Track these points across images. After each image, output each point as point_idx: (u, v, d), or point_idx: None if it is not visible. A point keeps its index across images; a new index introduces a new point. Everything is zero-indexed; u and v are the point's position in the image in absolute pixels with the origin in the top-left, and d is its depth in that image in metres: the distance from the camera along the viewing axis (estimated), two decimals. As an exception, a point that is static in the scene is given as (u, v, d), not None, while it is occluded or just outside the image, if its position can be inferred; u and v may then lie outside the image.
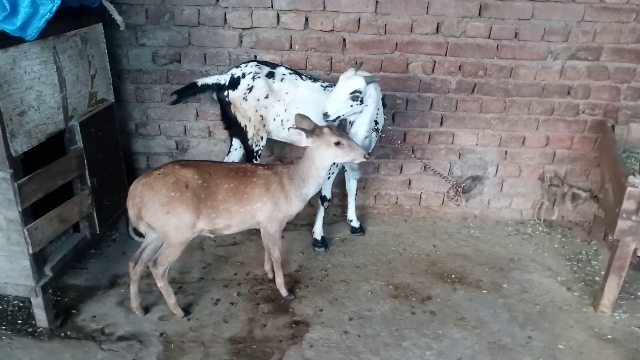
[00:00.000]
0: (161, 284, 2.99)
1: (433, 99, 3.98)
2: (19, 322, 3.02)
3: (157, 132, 4.05)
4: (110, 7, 3.17)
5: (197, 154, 4.09)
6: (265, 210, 2.95)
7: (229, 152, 3.81)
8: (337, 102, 3.05)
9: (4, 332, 2.94)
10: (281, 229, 3.09)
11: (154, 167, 2.86)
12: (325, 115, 3.03)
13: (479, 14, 3.71)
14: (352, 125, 3.24)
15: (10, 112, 2.51)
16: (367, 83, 3.05)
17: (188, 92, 3.61)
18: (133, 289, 3.02)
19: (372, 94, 3.13)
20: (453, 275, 3.62)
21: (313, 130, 2.86)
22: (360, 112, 3.16)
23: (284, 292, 3.28)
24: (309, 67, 3.85)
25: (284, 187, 2.95)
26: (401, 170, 4.23)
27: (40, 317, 2.93)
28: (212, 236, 3.01)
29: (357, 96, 3.05)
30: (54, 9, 2.35)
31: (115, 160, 3.54)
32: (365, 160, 2.93)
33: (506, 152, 4.18)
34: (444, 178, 4.17)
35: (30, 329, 2.96)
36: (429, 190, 4.31)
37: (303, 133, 2.82)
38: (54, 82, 2.81)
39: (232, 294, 3.34)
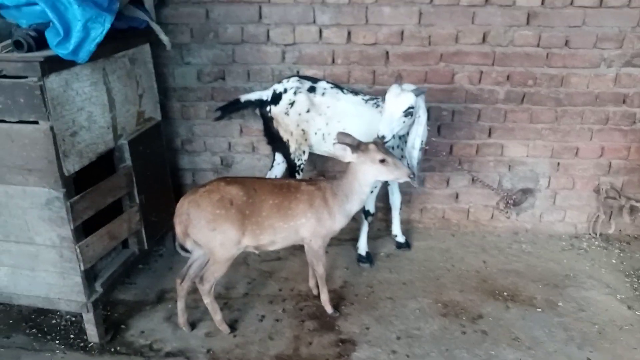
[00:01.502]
0: (207, 300, 2.99)
1: (480, 110, 3.87)
2: (72, 336, 3.09)
3: (203, 148, 4.10)
4: (157, 28, 3.25)
5: (241, 170, 4.11)
6: (308, 226, 2.92)
7: (272, 166, 3.81)
8: (391, 122, 3.00)
9: (57, 346, 3.01)
10: (325, 245, 3.05)
11: (200, 185, 2.89)
12: (382, 138, 2.97)
13: (527, 22, 3.59)
14: (406, 138, 3.21)
15: (63, 133, 2.58)
16: (417, 96, 3.01)
17: (231, 108, 3.65)
18: (180, 305, 3.04)
19: (422, 105, 3.11)
20: (505, 293, 3.47)
21: (358, 146, 2.82)
22: (412, 124, 3.12)
23: (329, 309, 3.23)
24: (352, 81, 3.82)
25: (327, 203, 2.92)
26: (448, 183, 4.12)
27: (92, 332, 2.99)
28: (256, 252, 3.00)
29: (410, 112, 3.02)
30: (104, 32, 2.41)
31: (162, 177, 3.60)
32: (409, 180, 2.85)
33: (559, 163, 4.00)
34: (493, 190, 4.04)
35: (82, 344, 3.02)
36: (477, 204, 4.17)
37: (348, 148, 2.78)
38: (103, 102, 2.89)
39: (277, 310, 3.31)
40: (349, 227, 3.86)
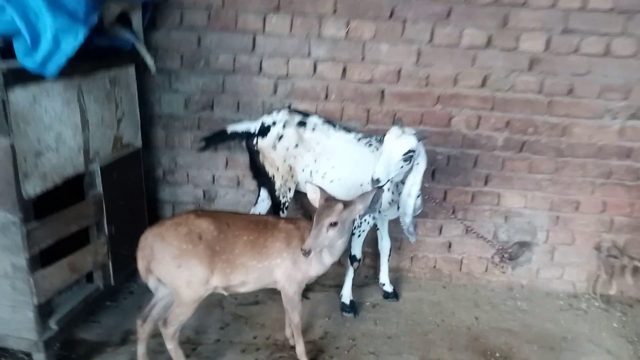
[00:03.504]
0: (171, 346, 2.72)
1: (477, 156, 3.69)
2: (21, 377, 2.80)
3: (185, 180, 3.90)
4: (143, 50, 3.11)
5: (224, 205, 3.90)
6: (284, 267, 2.69)
7: (256, 202, 3.60)
8: (388, 166, 2.80)
9: (2, 388, 2.73)
10: (300, 291, 2.82)
11: (169, 217, 2.66)
12: (376, 181, 2.77)
13: (530, 68, 3.46)
14: (402, 186, 3.03)
15: (25, 153, 2.39)
16: (419, 140, 2.84)
17: (217, 139, 3.48)
18: (141, 349, 2.77)
19: (422, 151, 2.94)
20: (497, 354, 3.20)
21: (330, 198, 2.61)
22: (410, 170, 2.93)
23: (305, 362, 2.95)
24: (345, 118, 3.67)
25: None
26: (440, 231, 3.90)
27: (42, 374, 2.71)
28: (225, 294, 2.75)
29: (410, 156, 2.83)
30: (77, 46, 2.26)
31: (137, 208, 3.39)
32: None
33: (558, 217, 3.80)
34: (488, 242, 3.81)
35: (30, 387, 2.73)
36: (471, 255, 3.94)
37: (319, 191, 2.59)
38: (75, 123, 2.71)
39: (249, 360, 3.03)
40: (334, 272, 3.66)
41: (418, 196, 3.04)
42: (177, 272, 2.53)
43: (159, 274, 2.57)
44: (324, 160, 3.25)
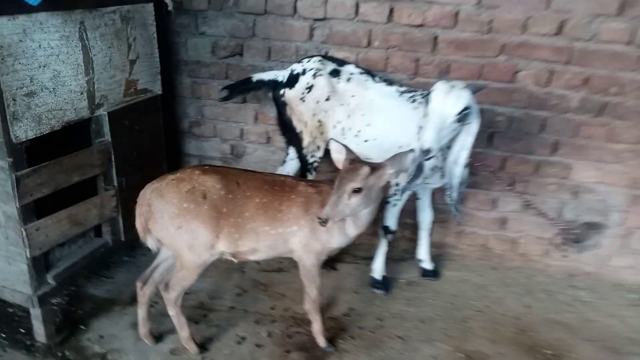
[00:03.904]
0: (173, 312, 2.48)
1: (546, 119, 3.12)
2: (22, 331, 2.67)
3: (212, 133, 3.61)
4: (159, -17, 2.77)
5: (252, 162, 3.58)
6: (300, 236, 2.35)
7: (284, 161, 3.27)
8: (440, 130, 2.34)
9: (1, 341, 2.60)
10: (319, 263, 2.47)
11: (173, 172, 2.36)
12: (427, 152, 2.34)
13: (619, 13, 2.81)
14: (448, 151, 2.57)
15: (14, 91, 2.15)
16: (473, 93, 2.37)
17: (241, 88, 3.13)
18: (141, 313, 2.55)
19: (475, 108, 2.44)
20: (548, 351, 2.73)
21: (356, 160, 2.22)
22: (459, 131, 2.48)
23: (321, 341, 2.64)
24: (389, 69, 3.19)
25: None
26: (494, 205, 3.39)
27: (38, 330, 2.57)
28: (235, 261, 2.44)
29: (465, 115, 2.37)
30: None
31: (155, 160, 3.12)
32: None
33: (638, 196, 3.17)
34: (550, 221, 3.26)
35: (28, 342, 2.60)
36: (528, 234, 3.42)
37: (344, 150, 2.20)
38: (77, 62, 2.44)
39: (262, 333, 2.76)
40: (369, 242, 3.28)
41: (467, 164, 2.57)
42: (177, 234, 2.25)
43: (157, 234, 2.30)
44: (358, 116, 2.83)
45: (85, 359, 2.53)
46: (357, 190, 2.13)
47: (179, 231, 2.24)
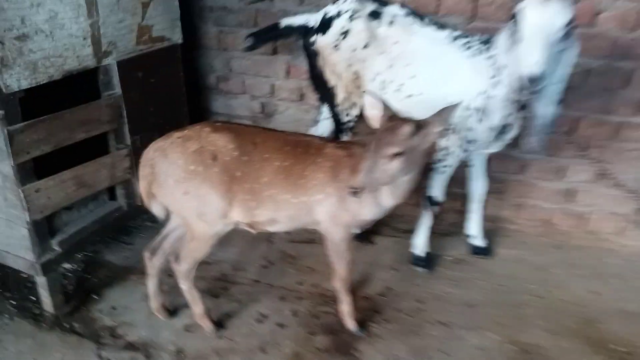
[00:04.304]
0: (184, 286, 2.24)
1: (632, 72, 2.58)
2: (32, 298, 2.51)
3: (241, 89, 3.28)
4: None
5: (283, 122, 3.23)
6: (327, 205, 2.02)
7: (317, 121, 2.92)
8: (546, 47, 1.85)
9: (9, 308, 2.47)
10: (349, 237, 2.14)
11: (181, 129, 2.05)
12: (535, 81, 1.87)
13: None
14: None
15: (2, 34, 1.89)
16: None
17: (268, 35, 2.75)
18: (151, 286, 2.32)
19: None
20: (618, 347, 2.30)
21: (395, 117, 1.83)
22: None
23: (350, 324, 2.33)
24: (442, 10, 2.72)
25: None
26: (562, 174, 2.90)
27: (45, 299, 2.39)
28: (253, 232, 2.14)
29: (570, 31, 1.92)
30: None
31: (175, 118, 2.82)
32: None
33: None
34: (630, 194, 2.75)
35: (37, 311, 2.44)
36: (601, 209, 2.92)
37: (381, 105, 1.81)
38: (77, 2, 2.14)
39: (286, 311, 2.48)
40: (412, 213, 2.90)
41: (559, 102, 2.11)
42: (184, 200, 1.97)
43: (162, 199, 2.03)
44: (401, 66, 2.41)
45: (94, 332, 2.34)
46: (397, 154, 1.75)
47: (186, 197, 1.95)
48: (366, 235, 2.89)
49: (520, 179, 2.99)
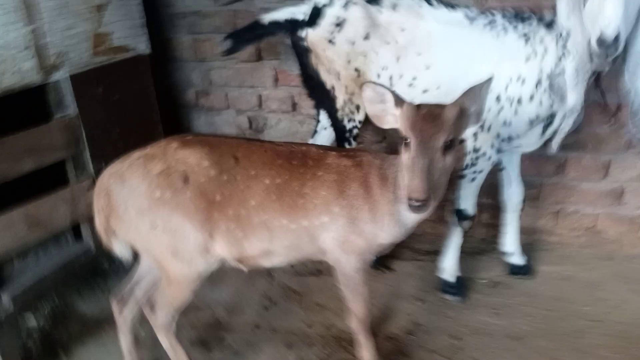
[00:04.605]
0: (165, 342, 1.80)
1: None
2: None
3: (224, 103, 2.91)
4: None
5: (276, 138, 2.84)
6: (335, 230, 1.62)
7: (315, 131, 2.54)
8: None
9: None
10: (365, 267, 1.73)
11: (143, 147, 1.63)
12: (613, 43, 1.53)
13: None
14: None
15: None
16: None
17: (249, 35, 2.35)
18: (125, 344, 1.89)
19: None
20: None
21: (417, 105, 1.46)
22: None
23: (375, 375, 1.87)
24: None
25: (370, 192, 1.58)
26: (607, 171, 2.48)
27: (-3, 364, 1.93)
28: (244, 269, 1.71)
29: None
30: None
31: (148, 139, 2.35)
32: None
33: None
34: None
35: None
36: (655, 210, 2.49)
37: (389, 94, 1.41)
38: (13, 3, 1.76)
39: (294, 362, 2.03)
40: (432, 231, 2.48)
41: None
42: (151, 236, 1.55)
43: (125, 236, 1.61)
44: (412, 56, 2.04)
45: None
46: (450, 144, 1.41)
47: (154, 232, 1.53)
48: (383, 261, 2.47)
49: (556, 181, 2.57)
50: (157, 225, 1.52)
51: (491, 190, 2.43)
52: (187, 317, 2.23)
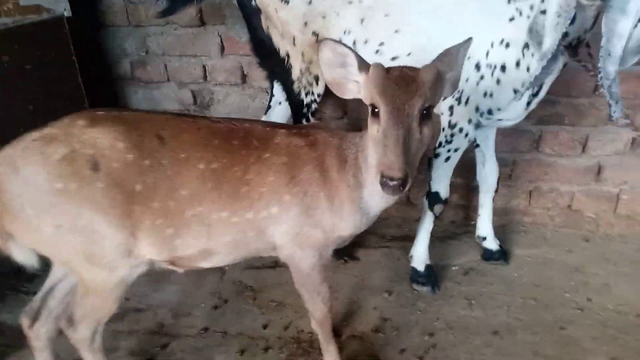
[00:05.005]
0: (90, 358, 1.49)
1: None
2: None
3: (164, 75, 2.60)
4: None
5: (225, 114, 2.54)
6: (286, 222, 1.40)
7: (269, 106, 2.27)
8: None
9: None
10: (324, 263, 1.52)
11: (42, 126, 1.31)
12: None
13: None
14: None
15: None
16: None
17: (187, -7, 2.04)
18: (40, 361, 1.57)
19: None
20: None
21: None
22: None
23: (340, 383, 1.65)
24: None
25: (327, 176, 1.37)
26: (584, 146, 2.29)
27: None
28: (179, 270, 1.43)
29: None
30: None
31: (71, 118, 2.09)
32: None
33: None
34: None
35: None
36: (636, 187, 2.32)
37: (352, 56, 1.19)
38: None
39: (250, 369, 1.80)
40: (401, 215, 2.24)
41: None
42: (56, 238, 1.26)
43: (24, 239, 1.29)
44: (379, 18, 1.79)
45: None
46: (426, 112, 1.20)
47: (60, 233, 1.24)
48: (346, 250, 2.21)
49: (531, 157, 2.37)
50: (62, 224, 1.22)
51: (462, 168, 2.21)
52: (125, 321, 1.96)
